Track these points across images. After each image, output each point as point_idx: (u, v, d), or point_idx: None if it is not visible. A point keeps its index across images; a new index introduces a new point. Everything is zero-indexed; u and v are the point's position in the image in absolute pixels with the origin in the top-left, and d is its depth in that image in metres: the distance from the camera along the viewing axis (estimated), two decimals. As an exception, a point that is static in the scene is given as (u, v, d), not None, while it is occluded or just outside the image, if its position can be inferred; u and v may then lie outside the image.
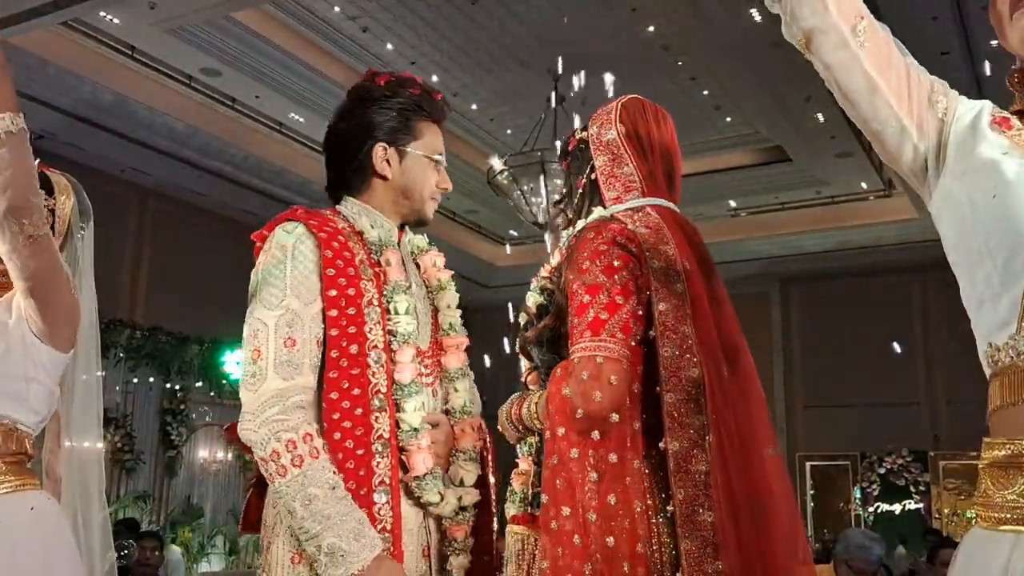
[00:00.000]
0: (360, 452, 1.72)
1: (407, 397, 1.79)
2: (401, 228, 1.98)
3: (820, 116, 7.50)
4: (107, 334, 7.86)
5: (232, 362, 9.69)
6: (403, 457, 1.78)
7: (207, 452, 10.05)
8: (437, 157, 1.96)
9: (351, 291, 1.77)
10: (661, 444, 1.66)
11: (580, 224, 1.92)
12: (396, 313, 1.81)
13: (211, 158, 8.64)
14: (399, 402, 1.79)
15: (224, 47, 7.25)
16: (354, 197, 1.94)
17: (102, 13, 6.64)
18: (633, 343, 1.70)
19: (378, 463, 1.74)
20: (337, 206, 1.95)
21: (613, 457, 1.63)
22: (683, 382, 1.67)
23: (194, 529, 9.41)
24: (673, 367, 1.67)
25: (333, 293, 1.75)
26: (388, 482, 1.74)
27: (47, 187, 2.10)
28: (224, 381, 9.77)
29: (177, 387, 9.55)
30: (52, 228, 2.08)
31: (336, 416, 1.72)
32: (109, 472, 8.40)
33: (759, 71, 6.95)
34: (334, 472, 1.68)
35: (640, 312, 1.72)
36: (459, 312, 2.00)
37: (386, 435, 1.75)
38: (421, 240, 2.01)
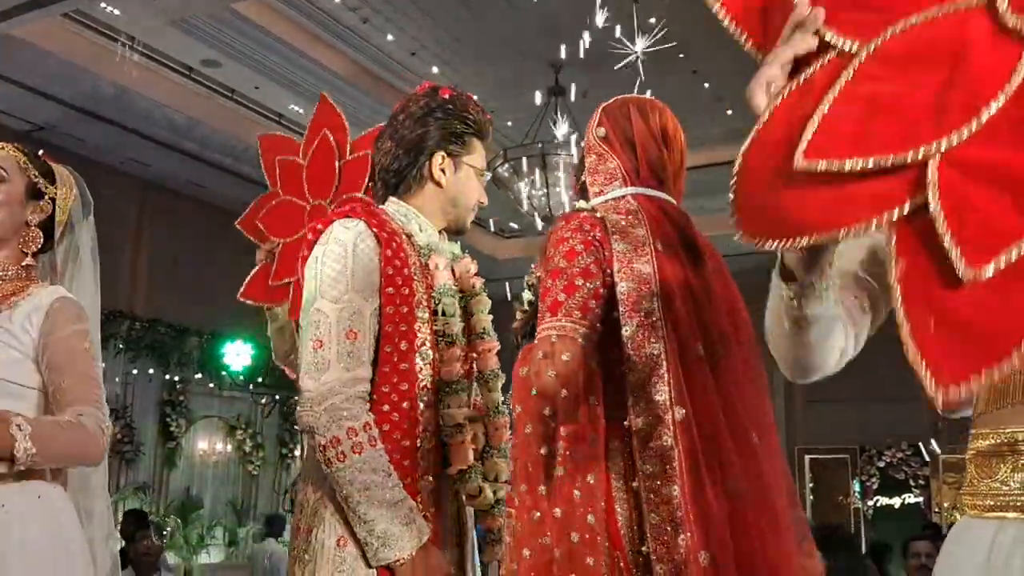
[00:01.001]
0: (406, 444, 1.81)
1: (452, 394, 1.88)
2: (440, 234, 2.07)
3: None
4: (106, 325, 7.86)
5: (232, 354, 9.70)
6: (445, 451, 1.88)
7: (207, 444, 10.06)
8: (484, 174, 2.09)
9: (405, 290, 1.86)
10: (626, 422, 1.70)
11: None
12: (443, 315, 1.92)
13: (211, 150, 8.64)
14: (444, 398, 1.88)
15: (224, 38, 7.24)
16: (402, 199, 2.03)
17: (103, 4, 6.64)
18: (594, 323, 1.74)
19: (423, 455, 1.83)
20: (383, 205, 2.03)
21: (563, 431, 1.67)
22: (644, 360, 1.69)
23: (194, 521, 9.43)
24: (634, 345, 1.70)
25: (390, 291, 1.84)
26: (431, 473, 1.84)
27: (50, 177, 2.11)
28: (224, 373, 9.78)
29: (176, 379, 9.55)
30: (52, 218, 2.09)
31: (386, 408, 1.81)
32: (108, 463, 8.37)
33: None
34: (388, 461, 1.76)
35: (602, 292, 1.75)
36: (491, 317, 2.09)
37: (431, 429, 1.85)
38: (455, 247, 2.11)
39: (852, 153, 0.92)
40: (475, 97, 2.11)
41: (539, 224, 7.47)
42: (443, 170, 2.01)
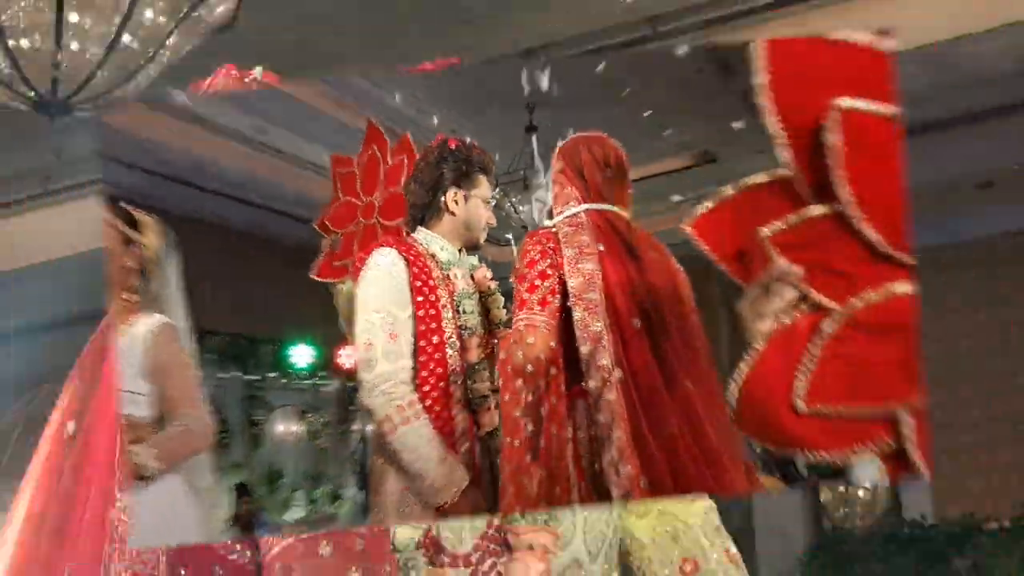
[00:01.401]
0: (445, 414, 1.91)
1: (476, 373, 1.98)
2: (459, 251, 2.16)
3: (742, 124, 7.51)
4: (199, 342, 7.88)
5: (297, 355, 9.69)
6: (475, 418, 1.97)
7: (283, 427, 10.07)
8: (490, 201, 2.20)
9: (432, 297, 1.98)
10: (583, 384, 1.78)
11: None
12: (464, 313, 2.03)
13: (271, 199, 8.63)
14: (471, 376, 1.98)
15: (271, 111, 7.21)
16: (426, 227, 2.13)
17: (175, 95, 6.63)
18: (554, 312, 1.82)
19: (458, 421, 1.93)
20: (414, 233, 2.14)
21: (529, 397, 1.75)
22: (591, 336, 1.78)
23: (279, 488, 9.45)
24: (583, 325, 1.80)
25: (420, 299, 1.96)
26: (467, 435, 1.93)
27: (136, 226, 2.14)
28: (291, 370, 9.80)
29: (256, 378, 9.57)
30: (142, 262, 2.11)
31: (426, 388, 1.92)
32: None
33: (690, 92, 6.97)
34: (431, 428, 1.86)
35: (557, 288, 1.84)
36: (507, 312, 2.14)
37: (462, 401, 1.95)
38: (473, 260, 2.21)
39: (844, 401, 1.06)
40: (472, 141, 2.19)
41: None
42: (456, 202, 2.10)
